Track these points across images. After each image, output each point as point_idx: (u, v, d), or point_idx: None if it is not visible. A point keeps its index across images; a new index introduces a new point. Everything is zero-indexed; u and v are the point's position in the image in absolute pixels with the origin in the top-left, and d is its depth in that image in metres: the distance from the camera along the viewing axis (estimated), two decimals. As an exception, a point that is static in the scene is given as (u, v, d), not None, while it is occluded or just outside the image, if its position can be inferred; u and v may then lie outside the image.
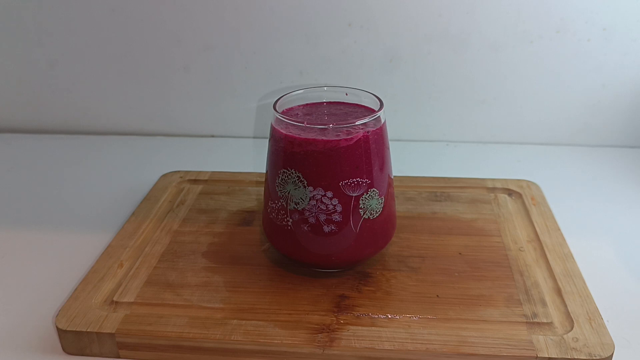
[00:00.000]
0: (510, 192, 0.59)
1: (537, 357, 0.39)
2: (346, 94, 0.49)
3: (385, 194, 0.45)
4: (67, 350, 0.43)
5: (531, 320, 0.42)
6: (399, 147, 0.73)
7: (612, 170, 0.68)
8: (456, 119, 0.75)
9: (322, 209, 0.43)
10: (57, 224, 0.59)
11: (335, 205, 0.43)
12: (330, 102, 0.49)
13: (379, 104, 0.45)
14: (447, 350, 0.40)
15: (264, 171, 0.48)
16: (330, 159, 0.42)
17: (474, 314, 0.43)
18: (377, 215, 0.45)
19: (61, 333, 0.42)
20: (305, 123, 0.43)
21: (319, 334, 0.41)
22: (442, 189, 0.60)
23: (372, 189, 0.44)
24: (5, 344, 0.43)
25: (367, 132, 0.43)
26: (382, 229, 0.46)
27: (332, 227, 0.44)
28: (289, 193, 0.44)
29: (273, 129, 0.45)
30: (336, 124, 0.42)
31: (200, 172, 0.64)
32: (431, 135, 0.77)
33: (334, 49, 0.72)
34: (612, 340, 0.40)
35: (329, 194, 0.43)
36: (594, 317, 0.42)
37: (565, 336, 0.40)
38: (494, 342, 0.40)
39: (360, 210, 0.44)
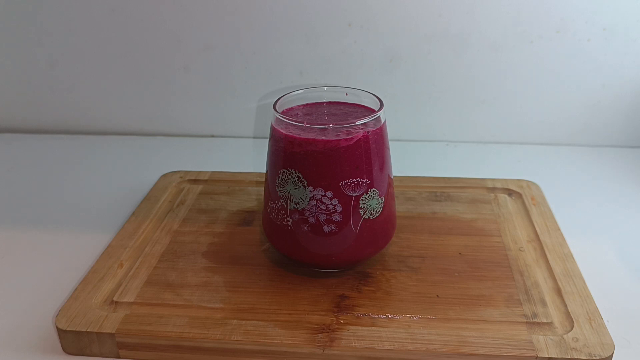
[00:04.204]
0: (510, 192, 0.59)
1: (537, 357, 0.39)
2: (346, 94, 0.49)
3: (385, 194, 0.45)
4: (67, 350, 0.43)
5: (531, 320, 0.42)
6: (399, 147, 0.73)
7: (612, 170, 0.68)
8: (456, 119, 0.75)
9: (322, 209, 0.43)
10: (57, 224, 0.59)
11: (335, 205, 0.43)
12: (330, 102, 0.49)
13: (379, 104, 0.45)
14: (447, 350, 0.40)
15: (264, 171, 0.48)
16: (330, 159, 0.42)
17: (474, 314, 0.43)
18: (377, 215, 0.45)
19: (61, 333, 0.42)
20: (305, 123, 0.43)
21: (319, 334, 0.41)
22: (442, 189, 0.60)
23: (372, 189, 0.44)
24: (5, 344, 0.43)
25: (367, 132, 0.43)
26: (382, 229, 0.46)
27: (332, 227, 0.44)
28: (289, 193, 0.44)
29: (273, 129, 0.45)
30: (336, 124, 0.42)
31: (200, 172, 0.64)
32: (431, 135, 0.77)
33: (334, 49, 0.72)
34: (612, 340, 0.40)
35: (329, 194, 0.43)
36: (594, 317, 0.42)
37: (565, 336, 0.40)
38: (494, 342, 0.40)
39: (360, 210, 0.44)
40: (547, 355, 0.39)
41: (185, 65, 0.74)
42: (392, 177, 0.47)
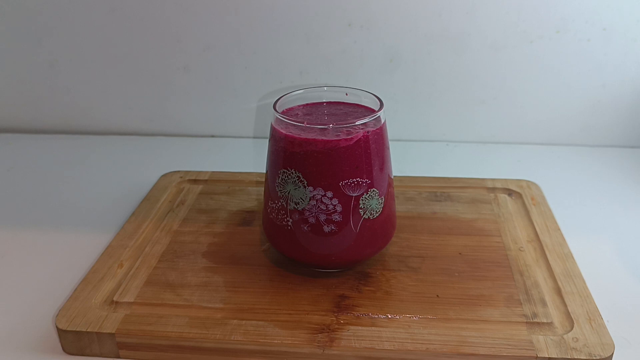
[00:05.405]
0: (510, 192, 0.59)
1: (537, 357, 0.39)
2: (346, 94, 0.49)
3: (385, 194, 0.45)
4: (67, 350, 0.43)
5: (531, 320, 0.42)
6: (399, 147, 0.74)
7: (612, 170, 0.68)
8: (456, 119, 0.75)
9: (322, 209, 0.43)
10: (57, 224, 0.59)
11: (335, 205, 0.43)
12: (330, 102, 0.49)
13: (379, 104, 0.45)
14: (447, 350, 0.40)
15: (264, 171, 0.48)
16: (330, 159, 0.42)
17: (474, 314, 0.43)
18: (377, 215, 0.45)
19: (61, 333, 0.42)
20: (305, 123, 0.43)
21: (319, 334, 0.41)
22: (442, 189, 0.60)
23: (372, 189, 0.44)
24: (5, 344, 0.43)
25: (367, 132, 0.43)
26: (382, 229, 0.46)
27: (332, 227, 0.44)
28: (289, 193, 0.44)
29: (273, 129, 0.45)
30: (336, 124, 0.42)
31: (200, 172, 0.64)
32: (431, 135, 0.77)
33: (334, 49, 0.72)
34: (612, 340, 0.40)
35: (329, 194, 0.43)
36: (594, 317, 0.42)
37: (565, 336, 0.40)
38: (494, 342, 0.40)
39: (360, 210, 0.44)
40: (547, 355, 0.39)
41: (185, 65, 0.74)
42: (392, 177, 0.47)
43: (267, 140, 0.46)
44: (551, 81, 0.71)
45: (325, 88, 0.49)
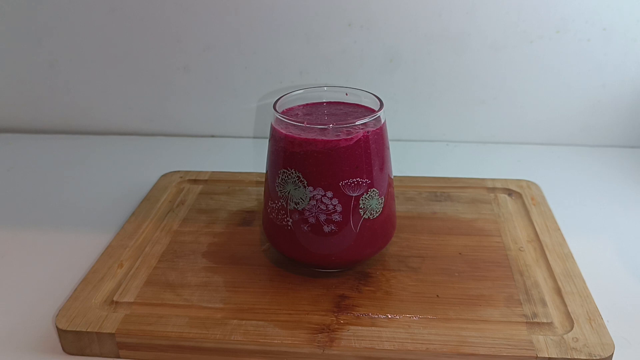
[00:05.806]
0: (510, 192, 0.59)
1: (537, 357, 0.39)
2: (346, 94, 0.49)
3: (385, 194, 0.45)
4: (67, 350, 0.43)
5: (531, 320, 0.42)
6: (399, 147, 0.74)
7: (612, 170, 0.68)
8: (456, 119, 0.75)
9: (322, 209, 0.43)
10: (57, 224, 0.59)
11: (335, 205, 0.43)
12: (330, 102, 0.49)
13: (379, 104, 0.45)
14: (447, 350, 0.40)
15: (264, 171, 0.48)
16: (330, 159, 0.42)
17: (474, 314, 0.43)
18: (377, 215, 0.45)
19: (61, 333, 0.42)
20: (305, 123, 0.43)
21: (319, 334, 0.41)
22: (442, 189, 0.60)
23: (372, 189, 0.44)
24: (5, 344, 0.43)
25: (367, 132, 0.43)
26: (382, 229, 0.46)
27: (332, 227, 0.44)
28: (289, 193, 0.44)
29: (273, 129, 0.45)
30: (336, 124, 0.42)
31: (200, 172, 0.64)
32: (431, 135, 0.77)
33: (334, 49, 0.72)
34: (612, 340, 0.40)
35: (329, 194, 0.43)
36: (594, 317, 0.42)
37: (565, 336, 0.40)
38: (494, 342, 0.40)
39: (360, 210, 0.44)
40: (547, 355, 0.39)
41: (185, 65, 0.74)
42: (392, 177, 0.47)
43: (267, 140, 0.46)
44: (551, 81, 0.71)
45: (325, 88, 0.49)
